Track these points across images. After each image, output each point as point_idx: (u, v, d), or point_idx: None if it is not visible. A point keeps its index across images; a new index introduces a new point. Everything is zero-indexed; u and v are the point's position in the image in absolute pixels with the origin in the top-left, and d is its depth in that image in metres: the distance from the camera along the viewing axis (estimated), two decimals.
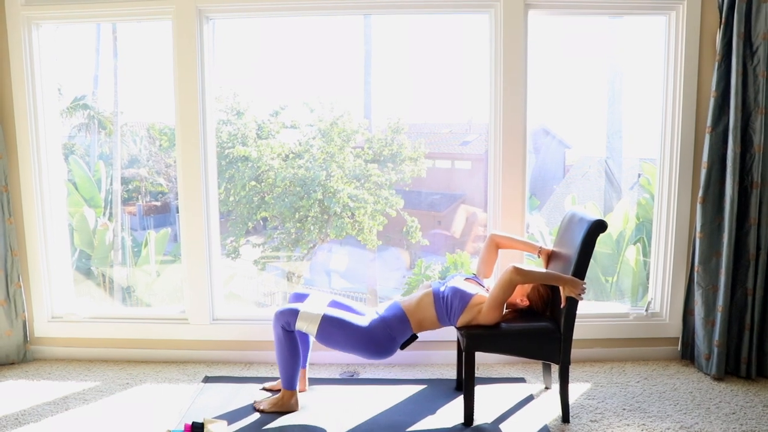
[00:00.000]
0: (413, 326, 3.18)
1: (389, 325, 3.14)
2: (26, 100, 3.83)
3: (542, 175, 6.67)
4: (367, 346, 3.11)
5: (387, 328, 3.13)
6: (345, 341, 3.11)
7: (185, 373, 3.82)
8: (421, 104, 6.93)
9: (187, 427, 2.97)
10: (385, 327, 3.13)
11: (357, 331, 3.11)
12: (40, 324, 4.05)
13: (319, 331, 3.09)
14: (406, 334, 3.17)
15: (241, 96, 6.84)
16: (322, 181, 6.64)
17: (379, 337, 3.11)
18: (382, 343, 3.12)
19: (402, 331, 3.16)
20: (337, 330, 3.09)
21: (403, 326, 3.16)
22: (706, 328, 3.72)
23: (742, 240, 3.64)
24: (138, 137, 6.68)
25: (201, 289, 3.98)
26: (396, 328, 3.15)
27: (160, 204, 6.76)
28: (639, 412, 3.26)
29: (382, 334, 3.12)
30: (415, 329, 3.19)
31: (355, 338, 3.10)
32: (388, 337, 3.12)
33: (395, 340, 3.15)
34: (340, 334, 3.10)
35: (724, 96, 3.59)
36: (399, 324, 3.16)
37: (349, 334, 3.10)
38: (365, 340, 3.10)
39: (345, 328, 3.10)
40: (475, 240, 6.61)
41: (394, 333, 3.14)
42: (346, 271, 7.18)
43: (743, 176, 3.61)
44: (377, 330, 3.13)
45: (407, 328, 3.17)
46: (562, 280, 3.01)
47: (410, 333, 3.18)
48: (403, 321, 3.16)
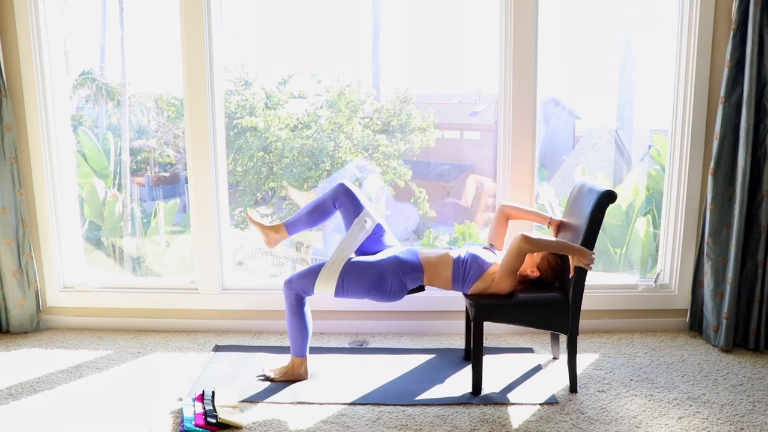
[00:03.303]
0: (425, 278, 3.21)
1: (402, 268, 3.18)
2: (34, 72, 3.82)
3: (552, 146, 6.61)
4: (378, 286, 3.16)
5: (399, 269, 3.17)
6: (359, 291, 3.18)
7: (195, 343, 3.86)
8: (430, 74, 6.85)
9: (198, 396, 3.01)
10: (397, 267, 3.17)
11: (371, 269, 3.16)
12: (52, 294, 4.08)
13: (337, 289, 3.17)
14: (416, 283, 3.22)
15: (249, 66, 6.79)
16: (330, 151, 6.61)
17: (390, 277, 3.16)
18: (392, 284, 3.17)
19: (413, 279, 3.20)
20: (352, 283, 3.16)
21: (416, 274, 3.19)
22: (715, 300, 3.72)
23: (754, 212, 3.62)
24: (146, 108, 6.66)
25: (210, 259, 4.00)
26: (408, 273, 3.18)
27: (169, 175, 6.76)
28: (646, 383, 3.27)
29: (393, 274, 3.16)
30: (426, 282, 3.23)
31: (369, 278, 3.15)
32: (398, 279, 3.16)
33: (404, 284, 3.19)
34: (355, 286, 3.16)
35: (739, 66, 3.54)
36: (412, 270, 3.19)
37: (363, 284, 3.16)
38: (377, 279, 3.15)
39: (360, 279, 3.16)
40: (484, 210, 6.59)
41: (405, 277, 3.18)
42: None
43: (756, 147, 3.57)
44: (389, 269, 3.17)
45: (419, 278, 3.20)
46: (571, 249, 3.00)
47: (420, 283, 3.22)
48: (417, 269, 3.19)
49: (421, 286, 3.26)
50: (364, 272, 3.16)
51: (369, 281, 3.15)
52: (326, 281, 3.16)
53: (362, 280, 3.15)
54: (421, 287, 3.27)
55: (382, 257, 3.22)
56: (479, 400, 3.09)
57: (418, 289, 3.28)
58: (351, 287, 3.17)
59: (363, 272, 3.16)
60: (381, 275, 3.15)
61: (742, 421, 2.88)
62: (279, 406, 3.03)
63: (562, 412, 2.96)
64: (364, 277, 3.15)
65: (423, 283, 3.23)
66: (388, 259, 3.20)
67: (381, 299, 3.21)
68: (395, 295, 3.19)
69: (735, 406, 3.02)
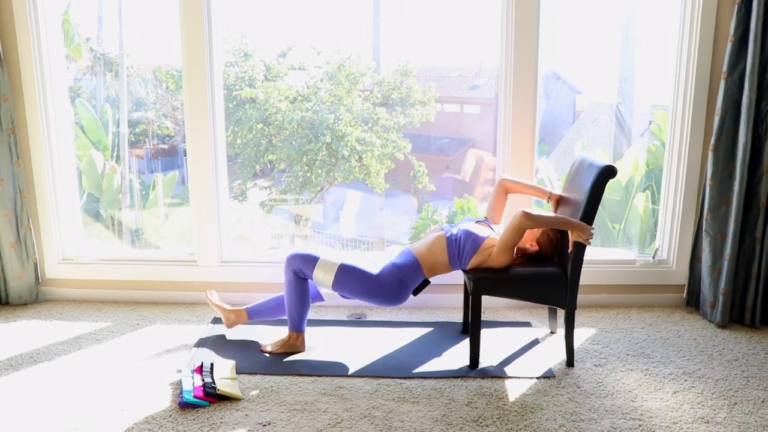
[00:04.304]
0: (425, 271, 3.20)
1: (402, 271, 3.16)
2: (30, 42, 3.77)
3: (552, 120, 6.59)
4: (381, 293, 3.16)
5: (399, 275, 3.16)
6: (359, 289, 3.16)
7: (194, 315, 3.87)
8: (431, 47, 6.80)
9: (197, 367, 3.03)
10: (397, 274, 3.16)
11: (371, 278, 3.14)
12: (51, 266, 4.09)
13: (335, 280, 3.13)
14: (418, 280, 3.20)
15: (248, 37, 6.74)
16: (330, 124, 6.59)
17: (392, 285, 3.15)
18: (395, 290, 3.16)
19: (414, 278, 3.18)
20: (353, 278, 3.14)
21: (416, 272, 3.18)
22: (712, 276, 3.73)
23: (753, 188, 3.61)
24: (144, 80, 6.61)
25: (209, 232, 4.00)
26: (408, 274, 3.17)
27: (168, 147, 6.74)
28: (642, 358, 3.30)
29: (394, 281, 3.15)
30: (428, 274, 3.22)
31: (369, 286, 3.14)
32: (400, 284, 3.15)
33: (407, 286, 3.18)
34: (355, 282, 3.14)
35: (743, 40, 3.50)
36: (411, 270, 3.18)
37: (364, 283, 3.14)
38: (379, 288, 3.14)
39: (360, 277, 3.14)
40: (483, 184, 6.59)
41: (407, 279, 3.17)
42: (354, 216, 7.19)
43: (757, 123, 3.55)
44: (390, 277, 3.16)
45: (419, 274, 3.19)
46: (570, 225, 3.00)
47: (422, 278, 3.21)
48: (415, 267, 3.18)
49: (425, 281, 3.25)
50: (360, 279, 3.14)
51: (366, 289, 3.15)
52: (324, 272, 3.14)
53: (359, 286, 3.14)
54: (425, 282, 3.24)
55: (380, 268, 3.19)
56: (476, 373, 3.11)
57: (423, 285, 3.25)
58: (348, 287, 3.16)
59: (359, 279, 3.14)
60: (380, 285, 3.14)
61: (736, 395, 2.90)
62: (277, 377, 3.05)
63: (558, 386, 2.99)
64: (362, 283, 3.14)
65: (425, 277, 3.22)
66: (384, 268, 3.19)
67: (384, 305, 3.22)
68: (398, 299, 3.19)
69: (729, 381, 3.04)
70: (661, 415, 2.73)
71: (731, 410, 2.78)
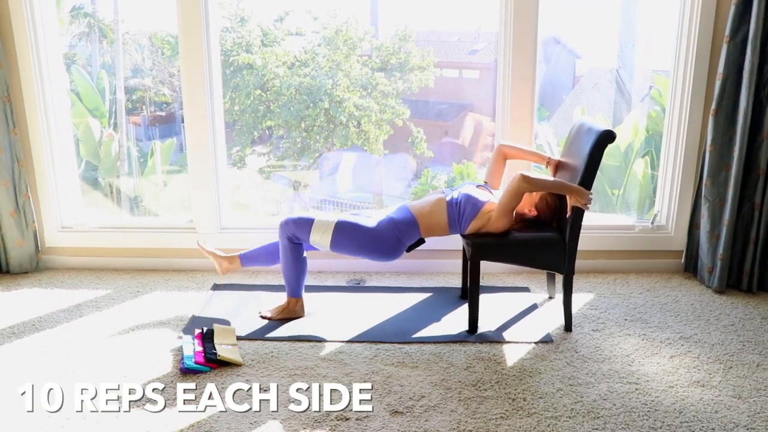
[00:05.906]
0: (422, 230, 3.21)
1: (398, 227, 3.17)
2: (23, 8, 3.72)
3: (551, 85, 6.54)
4: (376, 248, 3.17)
5: (395, 230, 3.17)
6: (356, 246, 3.18)
7: (194, 281, 3.89)
8: (429, 11, 6.72)
9: (198, 333, 3.05)
10: (393, 229, 3.17)
11: (368, 232, 3.16)
12: (51, 234, 4.09)
13: (333, 239, 3.14)
14: (414, 238, 3.21)
15: (245, 2, 6.65)
16: (328, 89, 6.54)
17: (388, 240, 3.17)
18: (390, 246, 3.18)
19: (410, 235, 3.19)
20: (350, 236, 3.15)
21: (412, 230, 3.19)
22: (710, 241, 3.74)
23: (754, 154, 3.60)
24: (140, 46, 6.53)
25: (208, 199, 4.00)
26: (404, 231, 3.18)
27: (165, 114, 6.69)
28: (640, 323, 3.32)
29: (390, 236, 3.17)
30: (424, 234, 3.22)
31: (366, 240, 3.16)
32: (395, 240, 3.17)
33: (402, 242, 3.19)
34: (352, 239, 3.15)
35: (746, 3, 3.45)
36: (408, 227, 3.19)
37: (360, 237, 3.15)
38: (376, 241, 3.16)
39: (357, 231, 3.15)
40: (482, 149, 6.57)
41: (402, 236, 3.18)
42: (353, 179, 7.18)
43: (759, 89, 3.52)
44: (386, 232, 3.17)
45: (416, 232, 3.20)
46: (568, 189, 3.00)
47: (418, 237, 3.22)
48: (412, 224, 3.19)
49: (420, 239, 3.26)
50: (357, 234, 3.15)
51: (362, 244, 3.16)
52: (321, 233, 3.15)
53: (356, 241, 3.15)
54: (420, 241, 3.26)
55: (376, 222, 3.20)
56: (475, 338, 3.14)
57: (418, 243, 3.26)
58: (345, 245, 3.17)
59: (356, 234, 3.15)
60: (376, 239, 3.15)
61: (732, 360, 2.93)
62: (277, 343, 3.08)
63: (556, 351, 3.02)
64: (358, 239, 3.15)
65: (421, 236, 3.23)
66: (381, 222, 3.19)
67: (379, 259, 3.23)
68: (393, 254, 3.20)
69: (725, 346, 3.07)
70: (657, 379, 2.76)
71: (726, 374, 2.81)
